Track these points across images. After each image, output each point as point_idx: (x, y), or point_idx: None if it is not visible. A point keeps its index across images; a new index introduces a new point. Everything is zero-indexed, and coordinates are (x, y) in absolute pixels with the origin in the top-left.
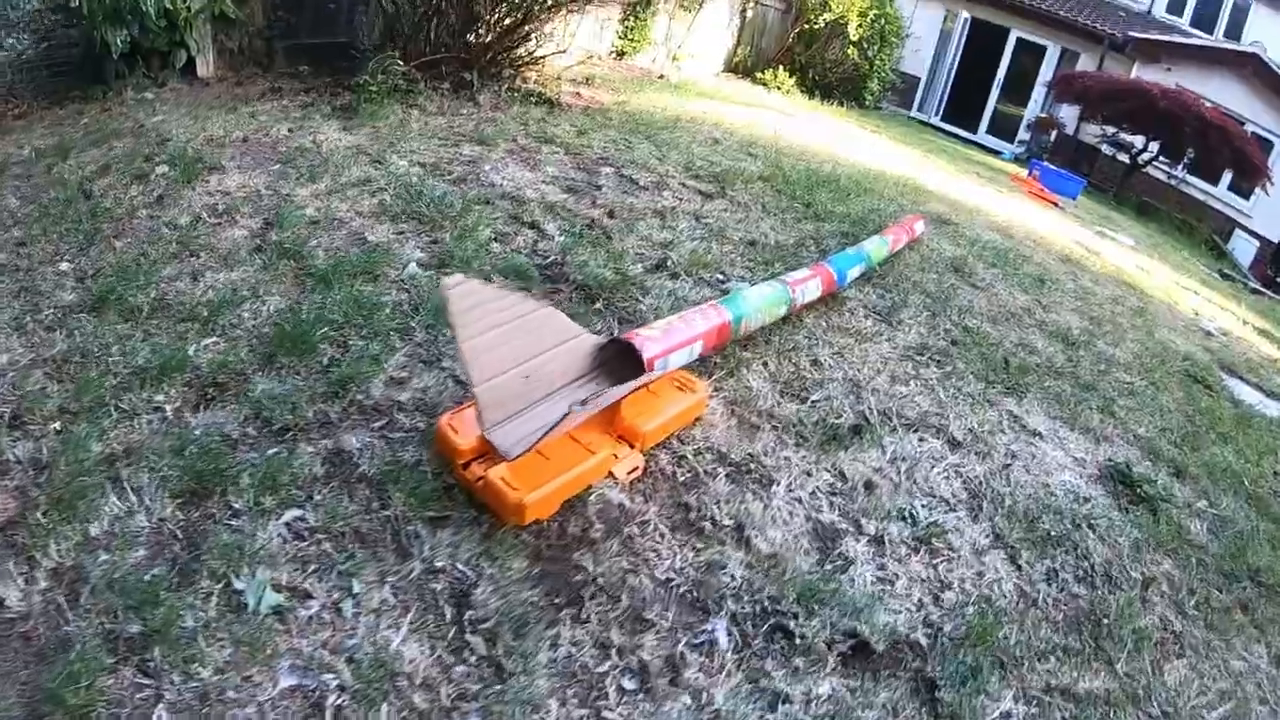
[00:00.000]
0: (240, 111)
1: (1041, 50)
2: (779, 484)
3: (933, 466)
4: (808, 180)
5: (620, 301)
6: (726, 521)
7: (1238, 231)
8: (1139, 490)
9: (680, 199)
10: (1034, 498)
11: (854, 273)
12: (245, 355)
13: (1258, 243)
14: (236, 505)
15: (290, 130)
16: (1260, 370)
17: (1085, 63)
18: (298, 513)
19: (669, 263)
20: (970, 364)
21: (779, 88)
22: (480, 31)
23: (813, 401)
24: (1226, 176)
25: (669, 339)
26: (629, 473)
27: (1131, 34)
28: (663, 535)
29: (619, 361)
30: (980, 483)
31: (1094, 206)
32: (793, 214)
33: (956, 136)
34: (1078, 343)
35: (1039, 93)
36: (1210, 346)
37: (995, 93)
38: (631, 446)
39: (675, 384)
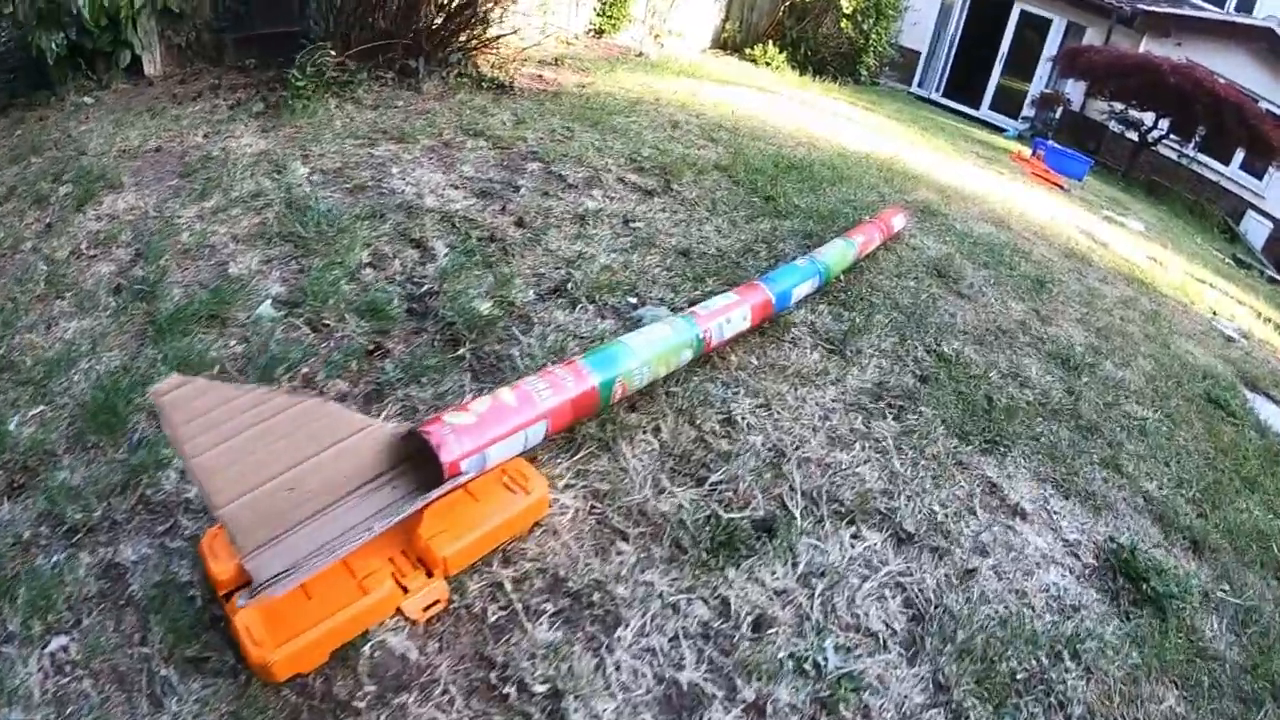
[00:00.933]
0: (166, 115)
1: (1046, 23)
2: (628, 625)
3: (864, 581)
4: (774, 168)
5: (490, 344)
6: (539, 687)
7: (1250, 213)
8: (1144, 586)
9: (612, 198)
10: (1001, 619)
11: (802, 291)
12: (63, 430)
13: (1270, 224)
14: (11, 627)
15: (206, 136)
16: None
17: (1092, 36)
18: (63, 641)
19: (569, 285)
20: (942, 409)
21: (768, 64)
22: (426, 14)
23: (711, 485)
24: (1239, 155)
25: (488, 428)
26: (425, 609)
27: (1140, 7)
28: (451, 702)
29: (427, 455)
30: (929, 601)
31: (1101, 188)
32: (746, 211)
33: (958, 113)
34: (1080, 366)
35: (1044, 68)
36: (1231, 356)
37: (998, 68)
38: (430, 573)
39: (504, 480)
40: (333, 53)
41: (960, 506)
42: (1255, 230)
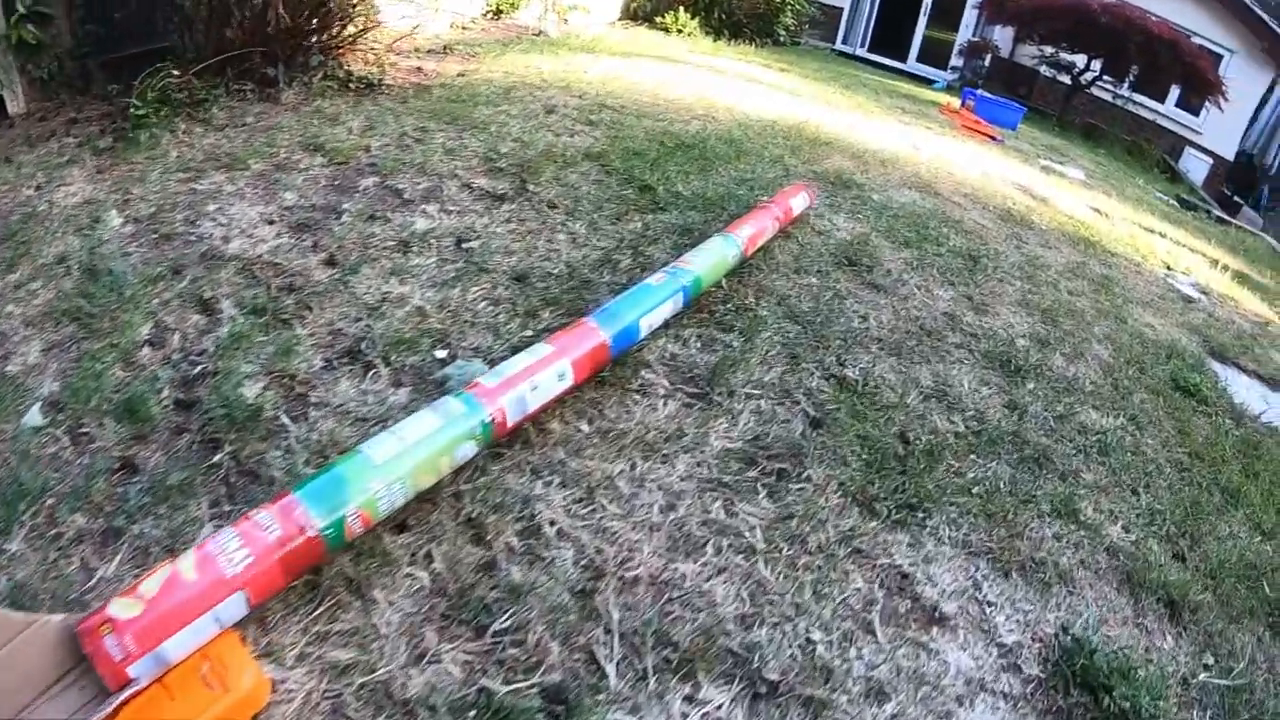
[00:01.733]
0: (12, 164)
1: None
2: None
3: None
4: (659, 149)
5: (253, 444)
6: None
7: (1188, 149)
8: (1106, 699)
9: (450, 212)
10: None
11: (657, 317)
12: None
13: (1210, 160)
14: None
15: (39, 187)
16: (1255, 345)
17: None
18: None
19: (365, 344)
20: (838, 468)
21: (680, 31)
22: (276, 17)
23: (493, 636)
24: (1174, 93)
25: (160, 617)
26: None
27: None
28: None
29: None
30: None
31: (1037, 135)
32: (615, 207)
33: (885, 68)
34: (1024, 367)
35: (970, 16)
36: (1193, 321)
37: (923, 19)
38: None
39: (203, 672)
40: (175, 72)
41: (853, 625)
42: (1195, 167)
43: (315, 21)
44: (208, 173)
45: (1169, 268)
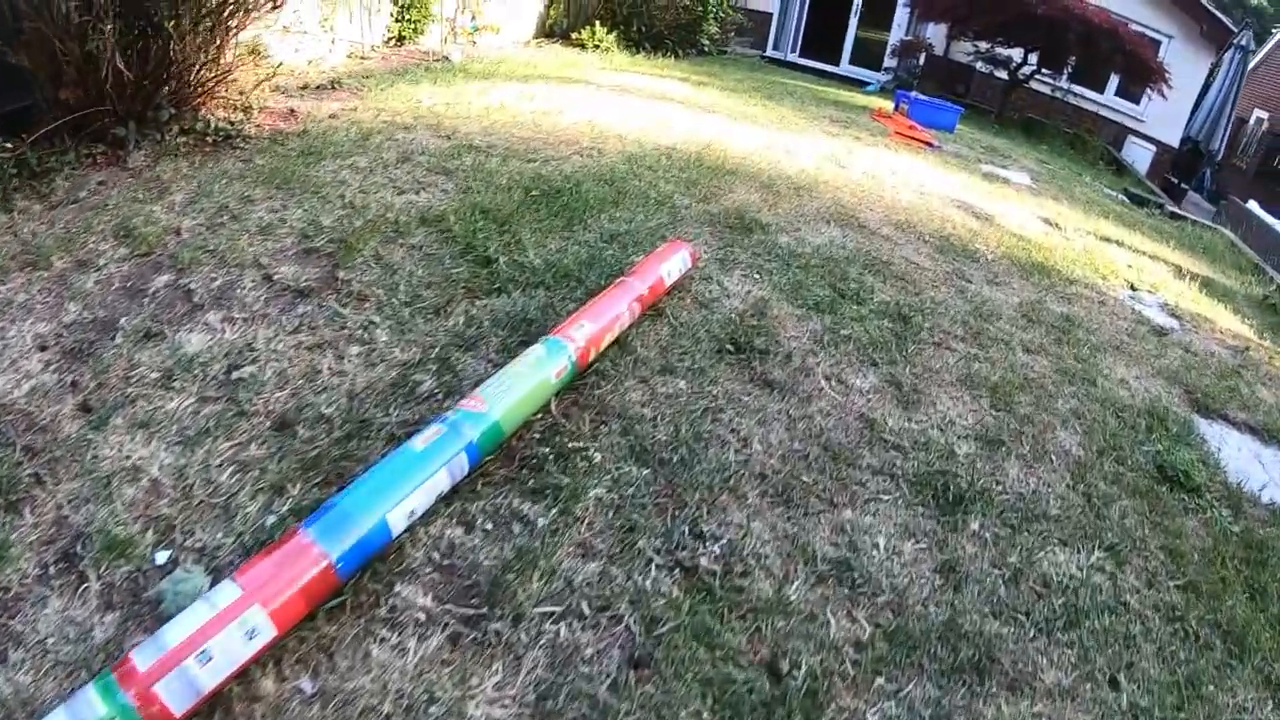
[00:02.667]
0: None
1: None
2: None
3: None
4: (518, 201)
5: None
6: None
7: (1131, 139)
8: None
9: (236, 321)
10: None
11: (422, 499)
12: None
13: (1154, 148)
14: None
15: None
16: (1240, 383)
17: None
18: None
19: (84, 541)
20: None
21: (597, 47)
22: (116, 68)
23: None
24: (1113, 82)
25: None
26: None
27: None
28: None
29: None
30: None
31: (976, 135)
32: (439, 293)
33: (817, 72)
34: (969, 495)
35: (902, 15)
36: (1171, 366)
37: (854, 20)
38: None
39: None
40: (8, 145)
41: None
42: (1138, 155)
43: (163, 72)
44: (11, 274)
45: (1133, 287)
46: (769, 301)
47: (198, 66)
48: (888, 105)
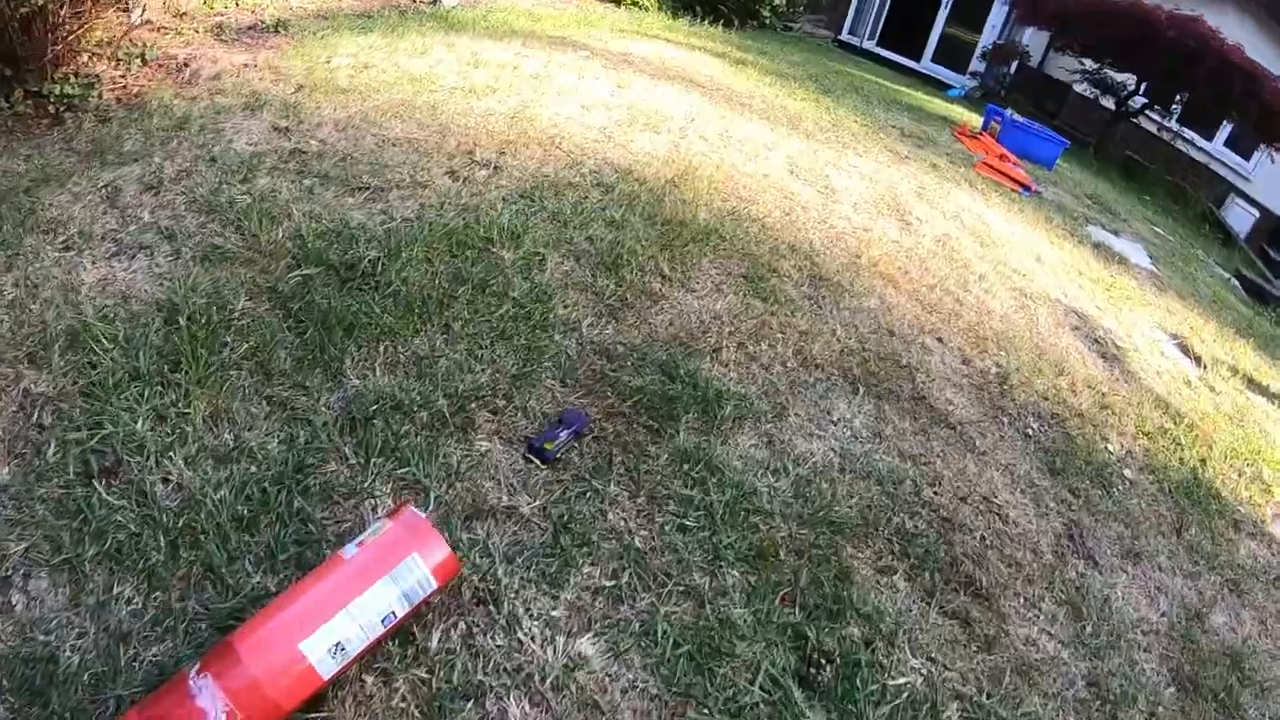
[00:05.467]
0: None
1: None
2: None
3: None
4: (258, 292)
5: None
6: None
7: (1233, 197)
8: None
9: None
10: None
11: None
12: None
13: (1257, 213)
14: None
15: None
16: None
17: None
18: None
19: None
20: None
21: (635, 3)
22: None
23: None
24: (1224, 130)
25: None
26: None
27: None
28: None
29: None
30: None
31: (1074, 175)
32: None
33: (893, 66)
34: None
35: (999, 13)
36: None
37: (944, 12)
38: None
39: None
40: None
41: None
42: (1239, 219)
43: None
44: None
45: None
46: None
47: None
48: (973, 119)
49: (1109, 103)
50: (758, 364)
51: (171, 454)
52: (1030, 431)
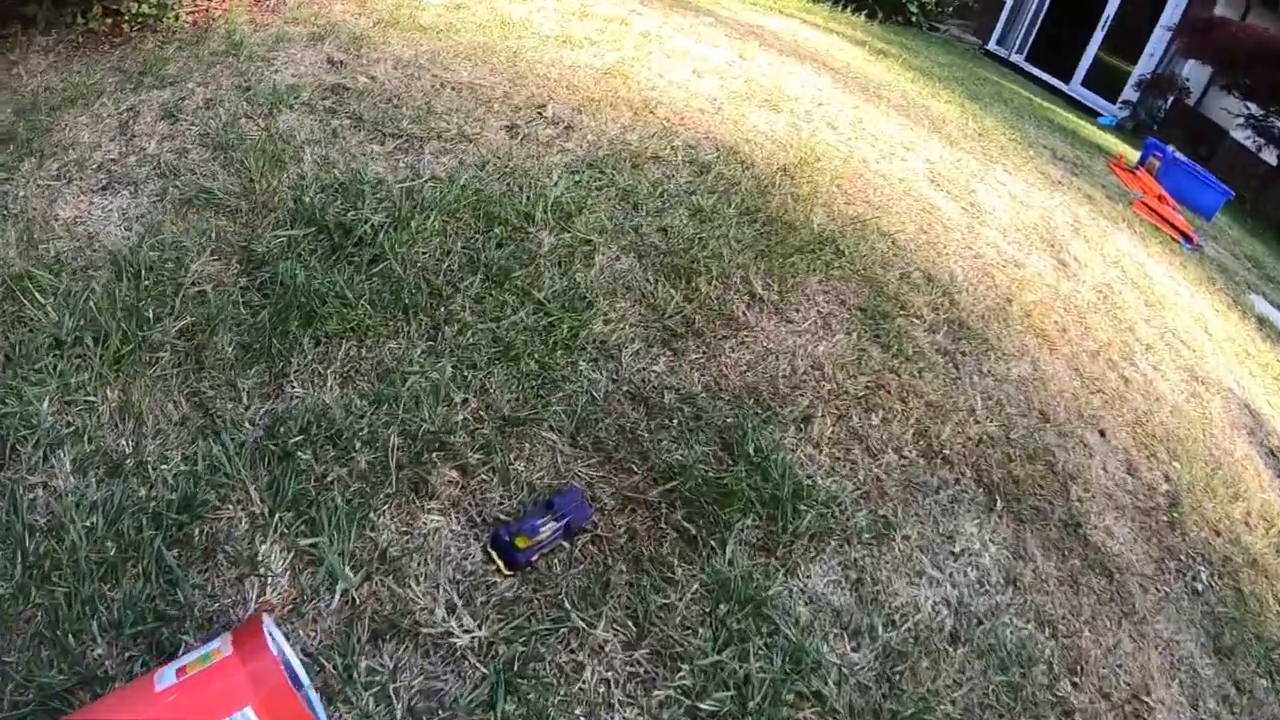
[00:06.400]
0: None
1: None
2: None
3: None
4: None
5: None
6: None
7: None
8: None
9: None
10: None
11: None
12: None
13: None
14: None
15: None
16: None
17: (1225, 8)
18: None
19: None
20: None
21: None
22: None
23: None
24: None
25: None
26: None
27: None
28: None
29: None
30: None
31: (1231, 233)
32: None
33: (1040, 84)
34: None
35: (1159, 41)
36: None
37: (1100, 33)
38: None
39: None
40: None
41: None
42: None
43: None
44: None
45: None
46: None
47: None
48: (1128, 152)
49: (1270, 156)
50: (863, 448)
51: (63, 451)
52: (1200, 586)
